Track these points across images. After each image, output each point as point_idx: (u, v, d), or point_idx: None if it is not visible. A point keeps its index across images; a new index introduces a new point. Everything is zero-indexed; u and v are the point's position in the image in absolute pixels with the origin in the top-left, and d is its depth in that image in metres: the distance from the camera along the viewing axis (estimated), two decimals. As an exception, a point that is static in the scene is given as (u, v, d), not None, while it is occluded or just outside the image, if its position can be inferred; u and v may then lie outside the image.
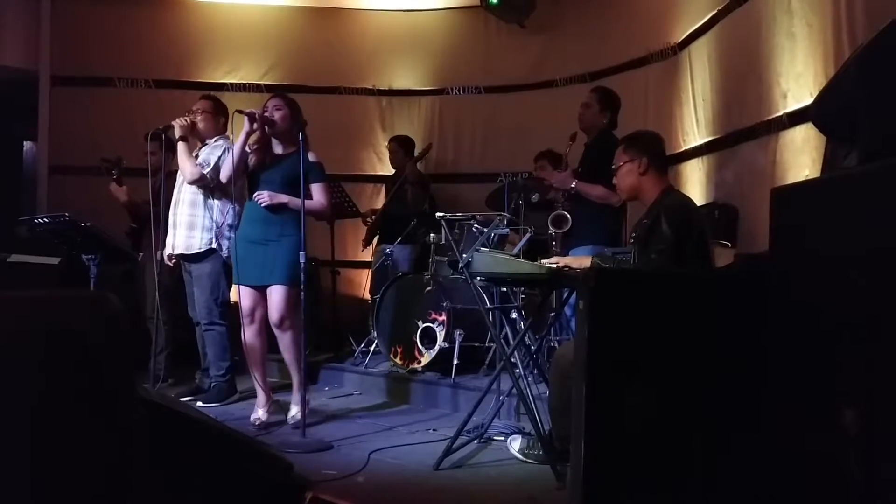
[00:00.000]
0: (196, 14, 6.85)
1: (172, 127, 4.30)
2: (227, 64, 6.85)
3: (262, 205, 3.85)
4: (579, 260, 3.28)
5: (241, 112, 3.87)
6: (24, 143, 7.05)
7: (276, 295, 3.86)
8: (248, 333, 3.96)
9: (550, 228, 4.39)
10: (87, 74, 6.59)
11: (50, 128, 6.57)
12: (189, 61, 6.79)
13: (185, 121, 4.34)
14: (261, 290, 3.93)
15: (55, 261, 5.18)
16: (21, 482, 1.63)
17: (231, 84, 6.80)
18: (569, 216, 4.32)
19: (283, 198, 3.84)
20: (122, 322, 1.70)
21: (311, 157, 3.86)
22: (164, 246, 4.43)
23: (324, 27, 6.96)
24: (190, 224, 4.38)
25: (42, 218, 4.25)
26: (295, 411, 3.97)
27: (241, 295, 3.97)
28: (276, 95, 4.12)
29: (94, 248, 4.19)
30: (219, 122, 4.59)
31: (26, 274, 5.13)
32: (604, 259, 3.14)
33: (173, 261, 4.51)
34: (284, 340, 3.91)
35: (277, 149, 3.99)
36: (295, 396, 4.02)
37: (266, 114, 3.89)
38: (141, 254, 4.90)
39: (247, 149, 3.92)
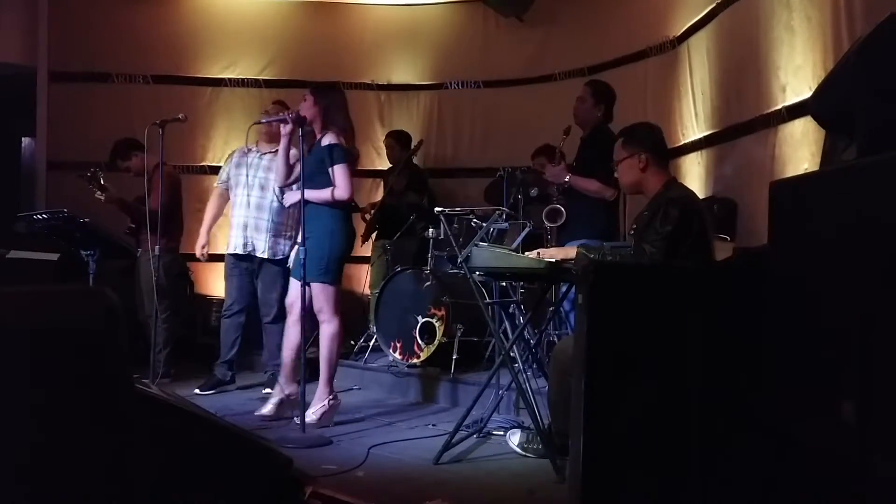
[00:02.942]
0: (194, 9, 6.83)
1: (168, 121, 4.31)
2: (225, 59, 6.83)
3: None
4: (564, 251, 3.24)
5: (259, 122, 4.01)
6: (23, 139, 7.04)
7: (312, 290, 3.88)
8: (286, 325, 4.05)
9: (545, 222, 4.39)
10: (85, 70, 6.57)
11: (48, 124, 6.55)
12: (187, 56, 6.78)
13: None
14: (303, 286, 3.92)
15: (54, 257, 5.17)
16: (21, 477, 1.63)
17: (229, 79, 6.79)
18: (563, 210, 4.32)
19: (293, 198, 3.94)
20: (120, 317, 1.70)
21: (330, 139, 3.87)
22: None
23: (322, 22, 6.95)
24: (276, 231, 4.63)
25: (40, 214, 4.25)
26: (310, 412, 3.82)
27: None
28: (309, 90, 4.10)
29: (93, 244, 4.19)
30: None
31: (25, 270, 5.13)
32: (590, 250, 3.10)
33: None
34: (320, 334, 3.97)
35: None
36: (319, 391, 3.93)
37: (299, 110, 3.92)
38: (139, 249, 4.90)
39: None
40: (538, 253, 3.21)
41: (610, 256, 3.10)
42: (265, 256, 4.60)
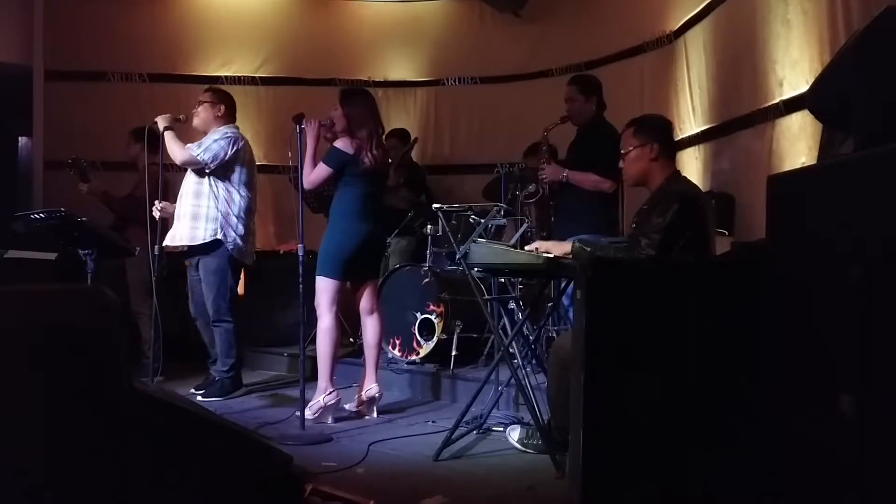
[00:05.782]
0: (190, 7, 6.82)
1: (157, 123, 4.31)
2: (221, 57, 6.82)
3: None
4: (561, 246, 3.20)
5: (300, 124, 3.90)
6: (19, 138, 7.02)
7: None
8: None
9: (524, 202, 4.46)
10: (81, 69, 6.56)
11: (44, 123, 6.53)
12: (183, 54, 6.76)
13: (169, 116, 4.41)
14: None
15: (51, 256, 5.16)
16: (20, 476, 1.63)
17: (226, 77, 6.76)
18: (541, 188, 4.42)
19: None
20: (118, 316, 1.70)
21: (338, 143, 3.96)
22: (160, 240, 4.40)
23: (318, 19, 6.94)
24: (194, 214, 4.36)
25: (38, 213, 4.23)
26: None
27: None
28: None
29: (91, 243, 4.17)
30: (217, 110, 4.54)
31: (23, 269, 5.11)
32: (586, 244, 3.09)
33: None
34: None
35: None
36: (317, 387, 3.95)
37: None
38: (138, 247, 4.89)
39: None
40: (536, 248, 3.20)
41: (605, 251, 3.08)
42: (184, 243, 4.37)
